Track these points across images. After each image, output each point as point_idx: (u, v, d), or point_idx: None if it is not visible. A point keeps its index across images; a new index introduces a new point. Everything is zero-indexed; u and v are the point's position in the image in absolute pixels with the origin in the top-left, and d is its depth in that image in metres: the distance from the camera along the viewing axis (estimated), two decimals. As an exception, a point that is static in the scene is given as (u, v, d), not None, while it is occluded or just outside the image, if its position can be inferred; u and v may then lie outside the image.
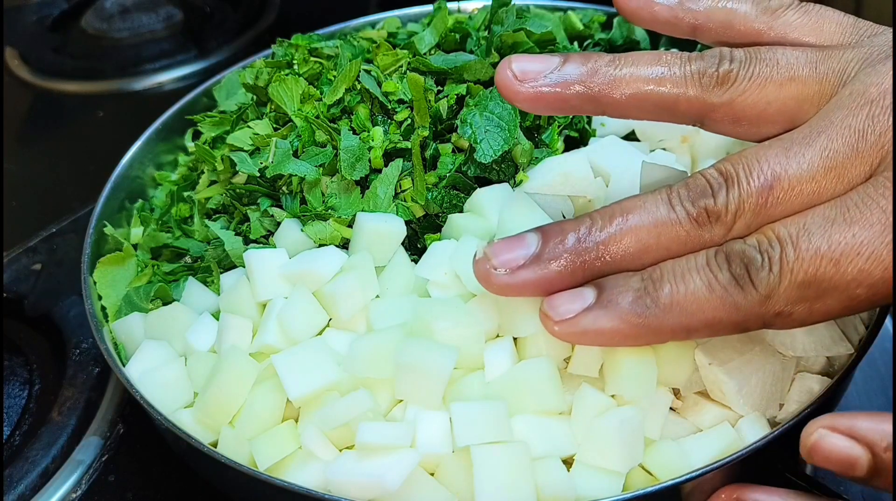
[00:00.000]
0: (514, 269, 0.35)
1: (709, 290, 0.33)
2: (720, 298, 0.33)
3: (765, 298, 0.32)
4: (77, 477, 0.51)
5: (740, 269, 0.33)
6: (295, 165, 0.50)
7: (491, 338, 0.43)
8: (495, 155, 0.47)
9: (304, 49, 0.59)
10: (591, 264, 0.35)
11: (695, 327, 0.33)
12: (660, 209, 0.35)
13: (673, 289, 0.33)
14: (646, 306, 0.34)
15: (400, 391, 0.41)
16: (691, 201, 0.34)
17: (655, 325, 0.34)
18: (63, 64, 1.00)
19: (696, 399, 0.43)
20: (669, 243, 0.34)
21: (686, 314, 0.33)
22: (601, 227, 0.35)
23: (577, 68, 0.37)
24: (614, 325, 0.34)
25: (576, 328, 0.35)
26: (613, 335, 0.34)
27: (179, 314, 0.48)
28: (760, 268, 0.32)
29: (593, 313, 0.34)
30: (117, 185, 0.58)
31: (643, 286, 0.34)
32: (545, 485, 0.39)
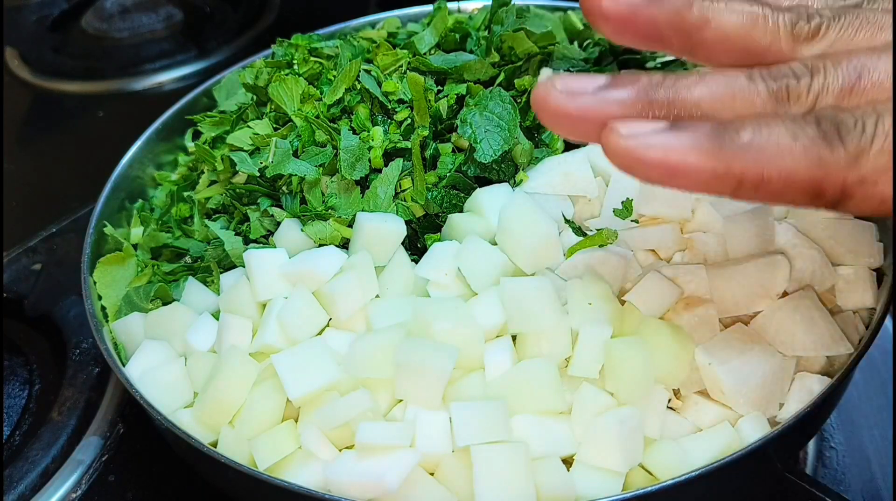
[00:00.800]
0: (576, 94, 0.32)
1: (793, 138, 0.30)
2: (804, 148, 0.30)
3: (853, 157, 0.30)
4: (77, 477, 0.51)
5: (830, 128, 0.30)
6: (295, 165, 0.50)
7: (491, 338, 0.43)
8: (495, 155, 0.47)
9: (304, 49, 0.59)
10: (659, 105, 0.32)
11: (769, 175, 0.30)
12: (739, 79, 0.33)
13: (755, 132, 0.31)
14: (722, 141, 0.30)
15: (400, 391, 0.41)
16: (773, 78, 0.32)
17: (728, 161, 0.30)
18: (63, 64, 1.00)
19: (696, 399, 0.43)
20: (743, 110, 0.32)
21: (764, 158, 0.30)
22: (676, 78, 0.33)
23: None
24: (684, 155, 0.30)
25: (642, 147, 0.31)
26: (681, 164, 0.31)
27: (179, 314, 0.48)
28: (852, 128, 0.30)
29: (664, 135, 0.31)
30: (117, 185, 0.58)
31: (722, 125, 0.31)
32: (545, 485, 0.39)
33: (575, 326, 0.42)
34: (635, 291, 0.44)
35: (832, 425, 0.55)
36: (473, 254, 0.44)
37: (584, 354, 0.41)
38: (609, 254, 0.45)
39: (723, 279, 0.44)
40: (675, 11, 0.34)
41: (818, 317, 0.43)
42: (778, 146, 0.30)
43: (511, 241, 0.45)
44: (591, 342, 0.42)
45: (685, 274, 0.44)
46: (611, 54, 0.57)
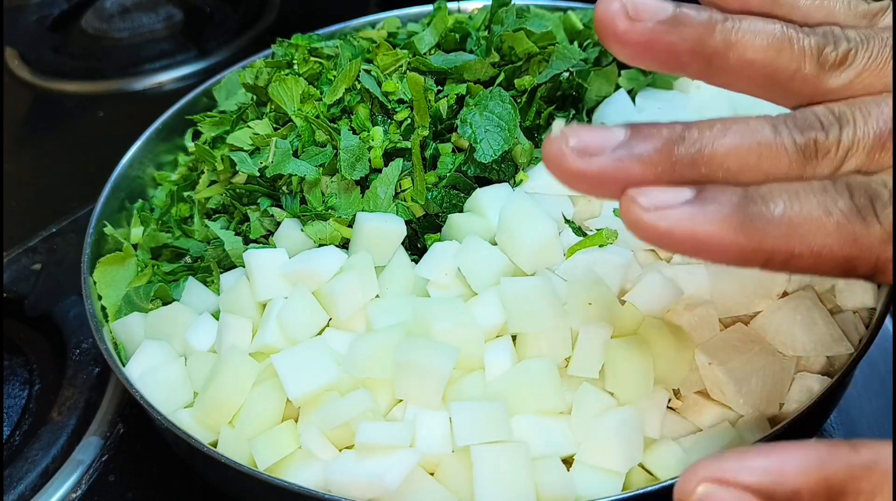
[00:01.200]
0: (592, 154, 0.30)
1: (826, 214, 0.28)
2: (837, 224, 0.28)
3: (888, 235, 0.28)
4: (77, 477, 0.51)
5: (864, 200, 0.29)
6: (295, 165, 0.50)
7: (491, 338, 0.43)
8: (495, 155, 0.47)
9: (304, 49, 0.59)
10: (683, 166, 0.30)
11: (800, 252, 0.29)
12: (764, 130, 0.30)
13: (786, 205, 0.29)
14: (752, 216, 0.28)
15: (400, 391, 0.41)
16: (799, 129, 0.30)
17: (758, 238, 0.28)
18: (63, 64, 1.00)
19: (696, 399, 0.43)
20: (770, 168, 0.30)
21: (796, 234, 0.28)
22: (699, 130, 0.30)
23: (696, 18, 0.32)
24: (712, 228, 0.28)
25: (667, 222, 0.29)
26: (708, 239, 0.29)
27: (179, 314, 0.48)
28: (887, 204, 0.28)
29: (691, 207, 0.29)
30: (117, 185, 0.58)
31: (750, 195, 0.29)
32: (545, 485, 0.39)
33: (575, 326, 0.42)
34: (635, 291, 0.44)
35: (832, 425, 0.55)
36: (473, 254, 0.44)
37: (583, 354, 0.41)
38: (609, 254, 0.45)
39: (723, 279, 0.44)
40: (697, 38, 0.32)
41: (818, 317, 0.43)
42: (810, 222, 0.29)
43: (511, 241, 0.45)
44: (590, 342, 0.42)
45: (685, 274, 0.44)
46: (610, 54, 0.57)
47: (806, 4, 0.35)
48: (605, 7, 0.31)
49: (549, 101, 0.52)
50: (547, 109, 0.51)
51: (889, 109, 0.30)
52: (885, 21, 0.35)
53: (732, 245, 0.29)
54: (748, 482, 0.23)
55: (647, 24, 0.31)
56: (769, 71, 0.32)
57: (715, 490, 0.23)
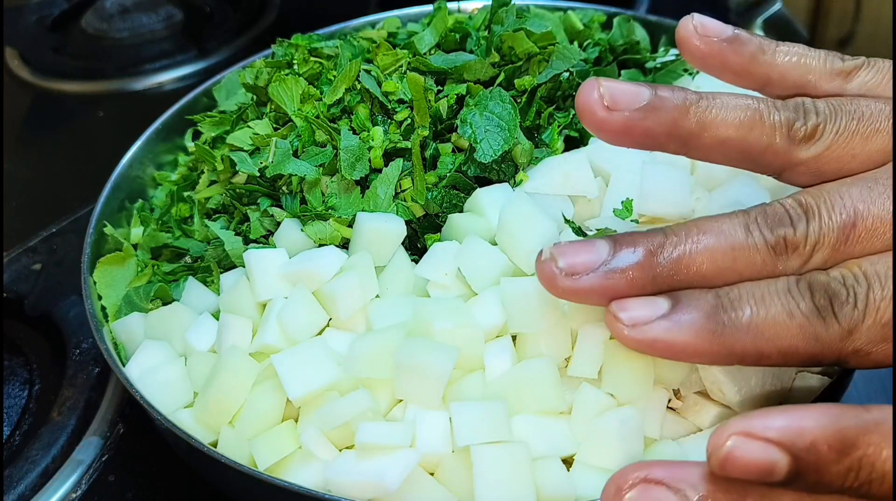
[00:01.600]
0: (582, 273, 0.34)
1: (789, 317, 0.32)
2: (800, 327, 0.32)
3: (847, 333, 0.31)
4: (77, 477, 0.51)
5: (824, 300, 0.31)
6: (295, 165, 0.50)
7: (491, 338, 0.43)
8: (495, 155, 0.47)
9: (304, 49, 0.59)
10: (662, 277, 0.34)
11: (768, 352, 0.32)
12: (737, 232, 0.33)
13: (753, 311, 0.32)
14: (723, 324, 0.32)
15: (400, 391, 0.41)
16: (769, 228, 0.33)
17: (729, 344, 0.32)
18: (63, 64, 1.00)
19: (696, 399, 0.43)
20: (744, 269, 0.33)
21: (763, 339, 0.32)
22: (676, 243, 0.34)
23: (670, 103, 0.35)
24: (687, 338, 0.32)
25: (646, 336, 0.33)
26: (684, 348, 0.32)
27: (179, 313, 0.48)
28: (845, 302, 0.31)
29: (667, 322, 0.32)
30: (117, 185, 0.58)
31: (720, 303, 0.33)
32: (545, 485, 0.39)
33: (574, 326, 0.42)
34: (635, 291, 0.44)
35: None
36: (473, 254, 0.44)
37: (583, 354, 0.41)
38: (609, 254, 0.45)
39: (723, 279, 0.44)
40: (672, 122, 0.35)
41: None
42: (775, 326, 0.32)
43: (511, 241, 0.45)
44: (590, 342, 0.41)
45: (685, 274, 0.44)
46: (610, 54, 0.57)
47: (783, 63, 0.38)
48: (584, 97, 0.35)
49: (549, 101, 0.52)
50: (547, 109, 0.51)
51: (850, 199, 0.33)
52: (859, 79, 0.37)
53: (707, 352, 0.32)
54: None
55: (624, 113, 0.34)
56: (742, 147, 0.35)
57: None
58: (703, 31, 0.36)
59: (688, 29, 0.36)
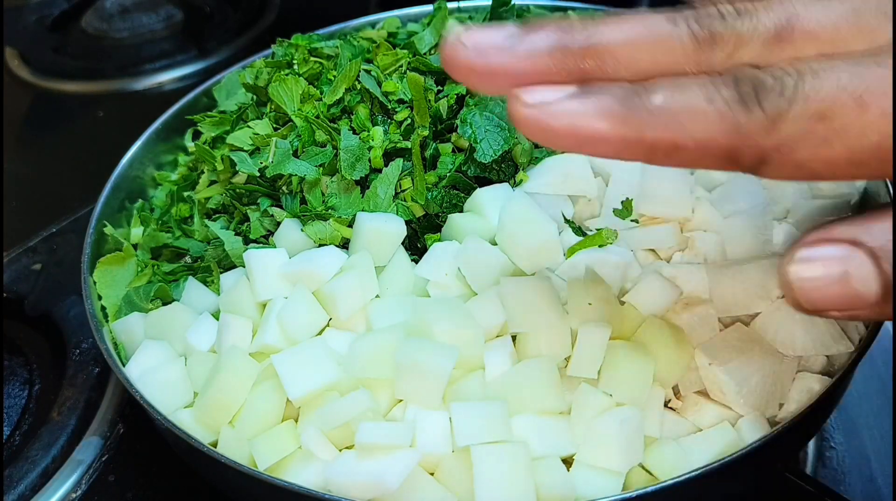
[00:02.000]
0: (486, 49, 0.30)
1: (708, 102, 0.28)
2: (719, 112, 0.28)
3: (770, 122, 0.28)
4: (77, 477, 0.51)
5: (748, 88, 0.28)
6: (295, 165, 0.50)
7: (491, 338, 0.43)
8: (495, 155, 0.47)
9: (304, 49, 0.59)
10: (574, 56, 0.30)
11: (683, 142, 0.29)
12: (660, 22, 0.30)
13: (667, 95, 0.29)
14: (633, 106, 0.29)
15: (400, 391, 0.41)
16: (696, 20, 0.30)
17: (638, 129, 0.29)
18: (63, 64, 1.00)
19: (696, 399, 0.43)
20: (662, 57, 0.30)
21: (677, 124, 0.29)
22: (593, 24, 0.30)
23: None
24: (592, 120, 0.29)
25: (548, 115, 0.29)
26: (590, 133, 0.29)
27: (179, 313, 0.48)
28: (771, 90, 0.28)
29: (573, 101, 0.29)
30: (117, 185, 0.58)
31: (634, 89, 0.29)
32: (545, 485, 0.39)
33: (574, 326, 0.42)
34: (635, 291, 0.44)
35: (832, 425, 0.55)
36: (473, 254, 0.44)
37: (583, 354, 0.41)
38: (609, 254, 0.45)
39: (722, 279, 0.44)
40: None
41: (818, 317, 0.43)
42: (692, 111, 0.29)
43: (511, 241, 0.45)
44: (590, 342, 0.42)
45: (685, 274, 0.44)
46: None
47: None
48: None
49: (549, 101, 0.52)
50: (547, 109, 0.51)
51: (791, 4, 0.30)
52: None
53: (613, 137, 0.29)
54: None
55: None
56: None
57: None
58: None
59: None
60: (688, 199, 0.48)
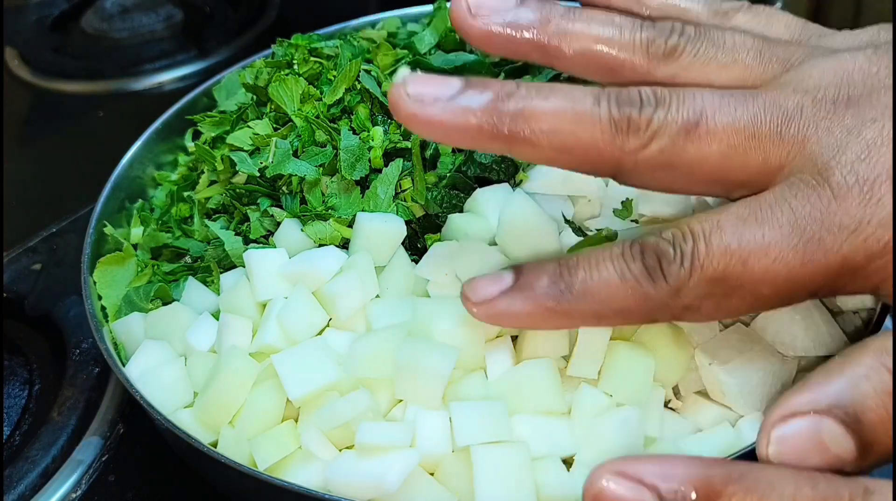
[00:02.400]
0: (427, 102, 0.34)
1: (621, 280, 0.33)
2: (632, 288, 0.33)
3: (675, 291, 0.32)
4: (77, 477, 0.51)
5: (653, 261, 0.33)
6: (295, 165, 0.50)
7: (491, 338, 0.43)
8: (495, 155, 0.47)
9: (304, 49, 0.59)
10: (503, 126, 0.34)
11: (606, 314, 0.34)
12: (586, 100, 0.34)
13: (586, 276, 0.34)
14: (560, 292, 0.34)
15: (400, 391, 0.41)
16: (618, 104, 0.34)
17: (567, 310, 0.34)
18: (63, 64, 0.99)
19: (696, 399, 0.43)
20: (583, 134, 0.34)
21: (598, 302, 0.33)
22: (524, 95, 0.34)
23: (532, 14, 0.36)
24: (528, 309, 0.34)
25: (493, 311, 0.35)
26: (527, 318, 0.35)
27: (179, 313, 0.48)
28: (672, 261, 0.32)
29: (509, 296, 0.35)
30: (117, 185, 0.58)
31: (558, 271, 0.34)
32: (545, 485, 0.39)
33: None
34: (635, 291, 0.44)
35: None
36: (469, 255, 0.44)
37: (583, 354, 0.41)
38: (609, 254, 0.45)
39: (723, 279, 0.44)
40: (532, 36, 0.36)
41: (818, 317, 0.43)
42: (608, 289, 0.33)
43: (511, 241, 0.45)
44: (590, 341, 0.41)
45: (685, 274, 0.44)
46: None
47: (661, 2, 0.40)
48: (454, 4, 0.36)
49: (549, 101, 0.52)
50: (547, 109, 0.51)
51: (702, 101, 0.34)
52: (737, 20, 0.39)
53: (550, 320, 0.34)
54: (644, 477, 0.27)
55: (486, 19, 0.36)
56: (602, 61, 0.37)
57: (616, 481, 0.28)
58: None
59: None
60: (688, 198, 0.48)
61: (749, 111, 0.34)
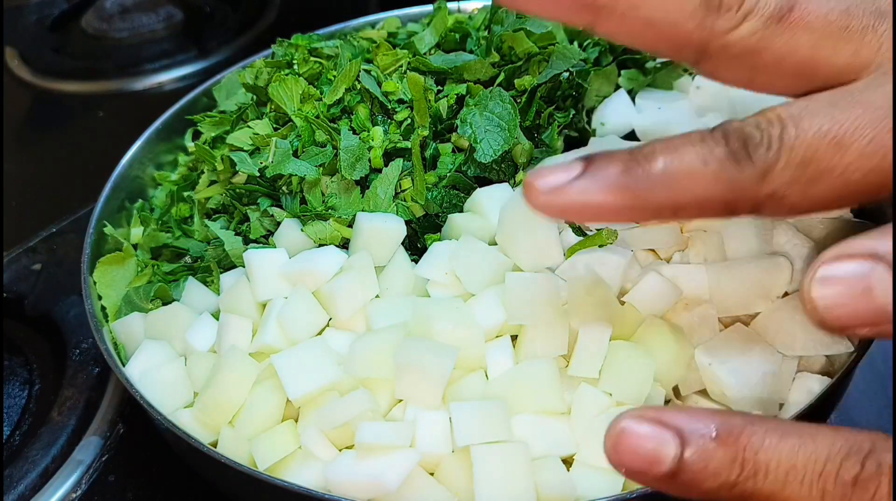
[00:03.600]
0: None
1: (703, 164, 0.31)
2: (714, 173, 0.31)
3: (761, 175, 0.31)
4: (77, 477, 0.51)
5: (738, 145, 0.31)
6: (295, 165, 0.50)
7: (491, 338, 0.43)
8: (495, 155, 0.47)
9: (304, 49, 0.59)
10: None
11: (684, 203, 0.32)
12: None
13: (666, 161, 0.32)
14: (636, 178, 0.32)
15: (400, 391, 0.41)
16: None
17: (643, 198, 0.32)
18: (63, 64, 1.00)
19: (696, 399, 0.43)
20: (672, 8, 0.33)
21: (678, 188, 0.32)
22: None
23: None
24: (602, 198, 0.32)
25: (562, 199, 0.33)
26: (600, 207, 0.32)
27: (179, 313, 0.48)
28: (759, 144, 0.31)
29: (581, 182, 0.32)
30: (117, 185, 0.58)
31: (633, 158, 0.32)
32: (545, 485, 0.39)
33: (574, 325, 0.42)
34: (635, 291, 0.44)
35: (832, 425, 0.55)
36: (468, 254, 0.44)
37: (584, 353, 0.41)
38: (609, 254, 0.45)
39: (723, 279, 0.44)
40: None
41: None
42: (690, 174, 0.31)
43: (511, 241, 0.45)
44: (591, 341, 0.42)
45: (685, 274, 0.44)
46: (610, 54, 0.57)
47: None
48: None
49: (549, 101, 0.52)
50: (547, 109, 0.51)
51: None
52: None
53: (623, 208, 0.32)
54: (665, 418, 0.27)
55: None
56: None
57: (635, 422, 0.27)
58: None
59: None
60: (688, 199, 0.47)
61: (843, 3, 0.33)
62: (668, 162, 0.32)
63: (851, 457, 0.26)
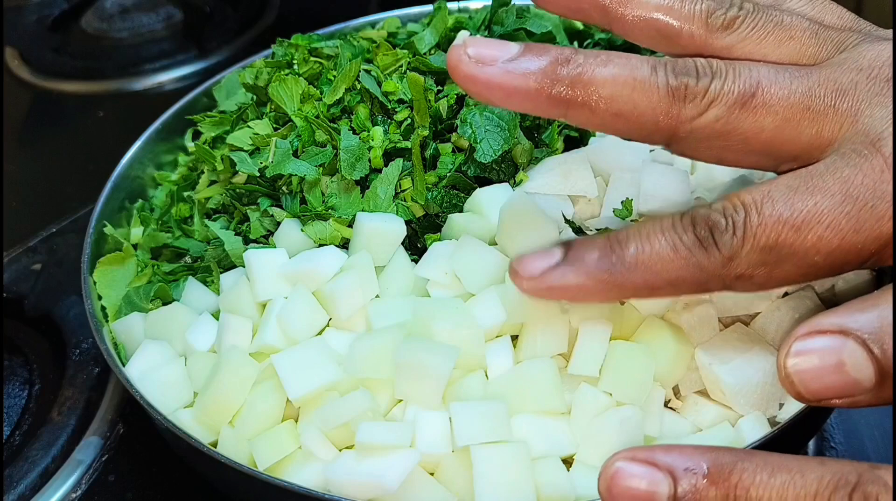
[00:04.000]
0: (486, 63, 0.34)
1: (673, 251, 0.33)
2: (684, 258, 0.33)
3: (727, 260, 0.33)
4: (77, 477, 0.52)
5: (705, 232, 0.33)
6: (295, 165, 0.50)
7: (491, 338, 0.43)
8: (495, 155, 0.47)
9: (304, 49, 0.59)
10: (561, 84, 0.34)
11: (658, 285, 0.34)
12: (643, 67, 0.34)
13: (638, 248, 0.34)
14: (611, 264, 0.34)
15: (400, 391, 0.41)
16: (675, 73, 0.34)
17: (619, 281, 0.34)
18: (63, 64, 1.00)
19: (696, 399, 0.43)
20: (640, 100, 0.34)
21: (651, 273, 0.34)
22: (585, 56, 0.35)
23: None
24: (580, 281, 0.35)
25: (544, 285, 0.35)
26: (579, 290, 0.35)
27: (179, 313, 0.48)
28: (724, 231, 0.33)
29: (561, 269, 0.35)
30: (117, 185, 0.58)
31: (609, 245, 0.35)
32: (545, 485, 0.39)
33: (574, 324, 0.42)
34: (635, 291, 0.44)
35: (832, 425, 0.55)
36: (467, 254, 0.44)
37: (584, 352, 0.41)
38: (609, 254, 0.45)
39: (723, 279, 0.44)
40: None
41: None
42: (661, 260, 0.34)
43: (511, 241, 0.45)
44: (591, 340, 0.42)
45: (685, 274, 0.44)
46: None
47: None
48: None
49: (549, 101, 0.52)
50: (547, 109, 0.51)
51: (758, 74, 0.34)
52: (791, 4, 0.39)
53: (601, 291, 0.35)
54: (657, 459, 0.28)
55: None
56: (660, 27, 0.37)
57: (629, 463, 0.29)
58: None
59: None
60: (688, 199, 0.47)
61: (804, 85, 0.34)
62: (640, 250, 0.34)
63: (839, 491, 0.27)
